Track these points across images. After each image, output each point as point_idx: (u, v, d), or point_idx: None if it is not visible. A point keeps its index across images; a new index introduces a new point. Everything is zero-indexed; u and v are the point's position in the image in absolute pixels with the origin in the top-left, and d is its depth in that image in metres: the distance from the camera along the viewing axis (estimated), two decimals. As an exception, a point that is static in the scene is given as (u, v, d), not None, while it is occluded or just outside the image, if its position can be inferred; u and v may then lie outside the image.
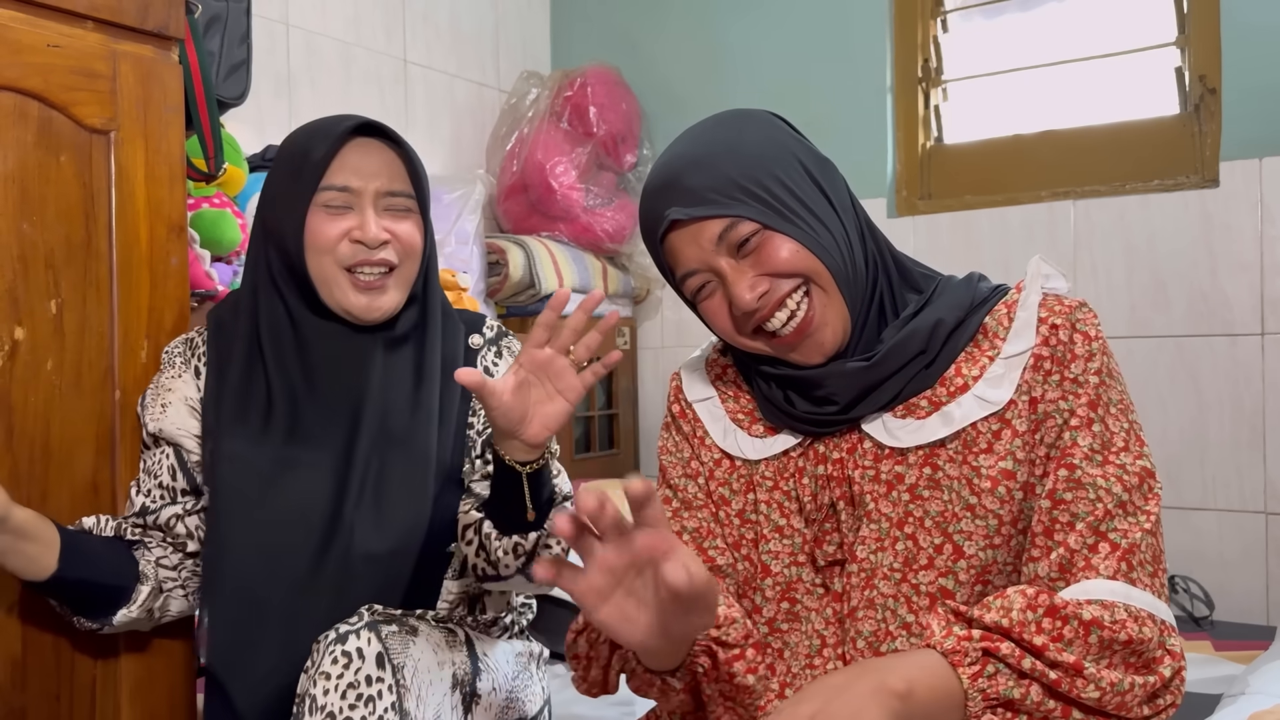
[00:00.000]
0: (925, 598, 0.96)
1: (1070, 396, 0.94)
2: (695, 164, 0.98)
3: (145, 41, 1.37)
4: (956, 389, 0.98)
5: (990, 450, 0.96)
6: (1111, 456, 0.92)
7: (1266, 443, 2.05)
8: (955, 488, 0.96)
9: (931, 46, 2.47)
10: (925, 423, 0.98)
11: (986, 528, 0.95)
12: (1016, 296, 1.00)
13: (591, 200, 2.61)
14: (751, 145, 1.00)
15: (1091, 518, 0.89)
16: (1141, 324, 2.17)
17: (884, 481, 0.99)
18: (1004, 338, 0.98)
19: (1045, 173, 2.31)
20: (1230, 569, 2.08)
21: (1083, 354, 0.95)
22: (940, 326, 0.98)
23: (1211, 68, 2.12)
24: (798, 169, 0.99)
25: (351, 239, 1.19)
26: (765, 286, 0.96)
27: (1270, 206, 2.04)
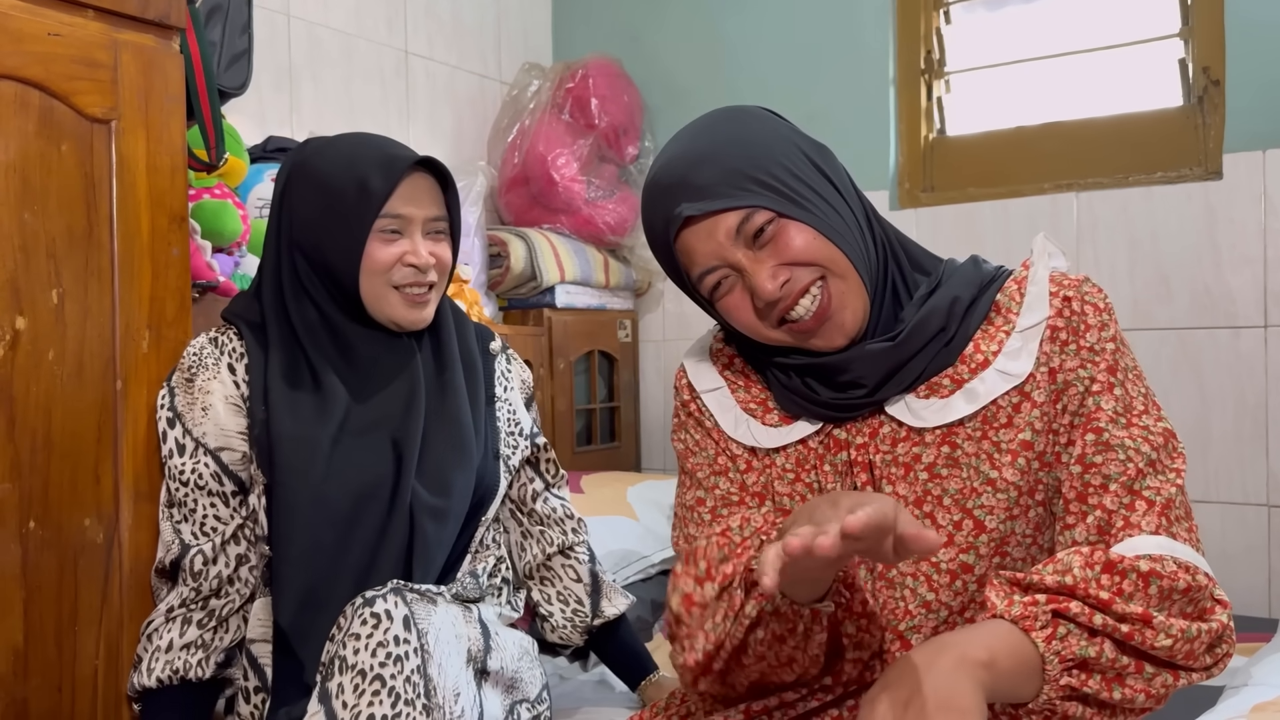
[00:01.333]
0: (946, 575, 0.97)
1: (1089, 364, 0.96)
2: (701, 159, 0.98)
3: (146, 31, 1.37)
4: (978, 365, 0.99)
5: (1010, 424, 0.98)
6: (1135, 419, 0.94)
7: (1269, 436, 2.05)
8: (974, 464, 0.98)
9: (934, 38, 2.46)
10: (949, 401, 0.99)
11: (1007, 499, 0.96)
12: (1024, 273, 1.03)
13: (593, 192, 2.60)
14: (754, 137, 1.00)
15: (1125, 477, 0.91)
16: (1144, 316, 2.16)
17: (901, 464, 1.00)
18: (1017, 312, 1.00)
19: (1048, 165, 2.31)
20: (1233, 562, 2.08)
21: (1095, 324, 0.98)
22: (957, 303, 0.99)
23: (1215, 60, 2.12)
24: (802, 158, 1.01)
25: (405, 263, 1.29)
26: (786, 275, 0.97)
27: (1274, 199, 2.04)
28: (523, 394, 1.51)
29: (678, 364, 1.16)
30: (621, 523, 2.10)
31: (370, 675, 1.06)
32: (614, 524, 2.08)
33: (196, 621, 1.26)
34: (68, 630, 1.26)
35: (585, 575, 1.49)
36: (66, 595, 1.26)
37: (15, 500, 1.21)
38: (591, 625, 1.48)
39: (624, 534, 2.07)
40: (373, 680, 1.05)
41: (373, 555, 1.26)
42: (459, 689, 1.12)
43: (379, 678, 1.05)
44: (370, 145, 1.33)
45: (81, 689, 1.27)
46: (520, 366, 1.54)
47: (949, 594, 0.97)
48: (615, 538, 2.03)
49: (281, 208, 1.34)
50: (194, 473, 1.28)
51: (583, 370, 2.67)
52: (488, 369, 1.45)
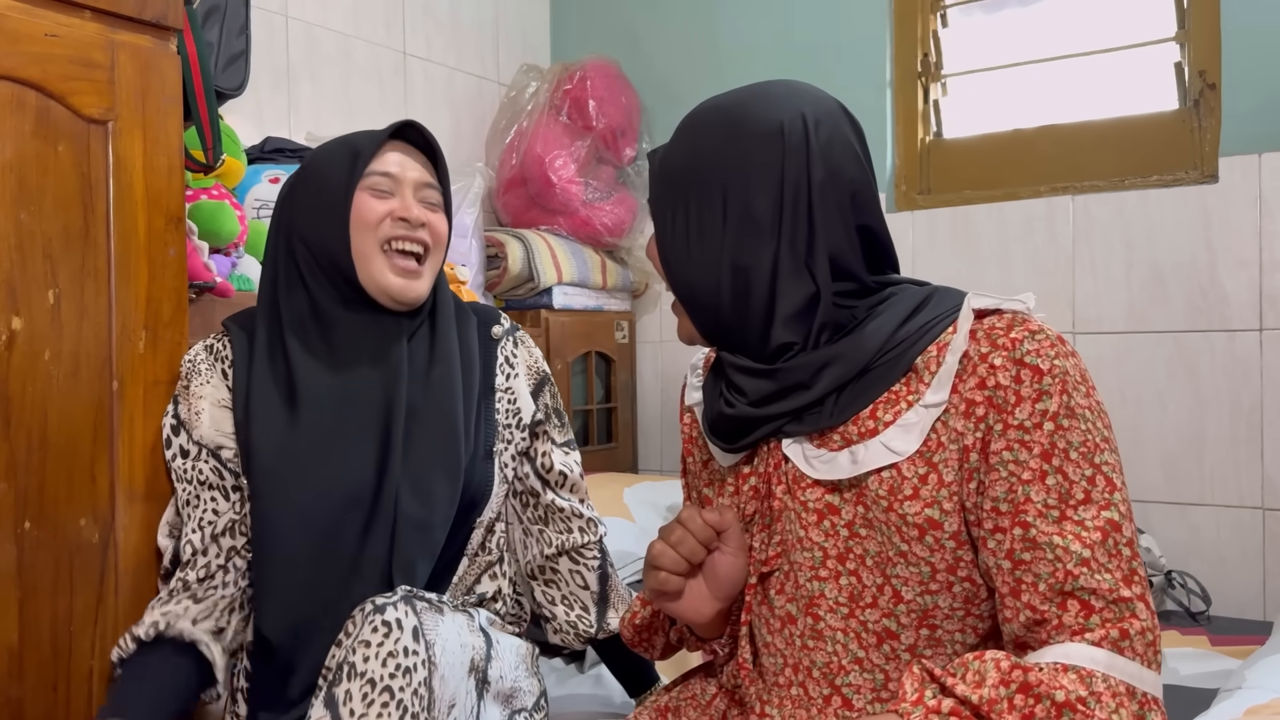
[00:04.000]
0: (873, 635, 0.94)
1: (1018, 446, 0.87)
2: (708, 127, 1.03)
3: (143, 32, 1.37)
4: (867, 431, 0.94)
5: (915, 496, 0.92)
6: (1070, 512, 0.86)
7: (1264, 439, 2.05)
8: (886, 531, 0.93)
9: (931, 41, 2.47)
10: (836, 458, 0.95)
11: (920, 574, 0.92)
12: (950, 337, 0.93)
13: (590, 194, 2.61)
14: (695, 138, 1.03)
15: (1053, 579, 0.84)
16: (1140, 319, 2.17)
17: (813, 509, 0.97)
18: (928, 383, 0.93)
19: (1044, 168, 2.31)
20: (1227, 565, 2.09)
21: (1030, 395, 0.87)
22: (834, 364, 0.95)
23: (1211, 63, 2.12)
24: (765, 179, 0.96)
25: (395, 217, 1.28)
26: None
27: (1269, 202, 2.04)
28: (530, 380, 1.42)
29: (675, 365, 1.20)
30: (618, 524, 2.10)
31: (380, 686, 1.05)
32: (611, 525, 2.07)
33: (187, 598, 1.25)
34: (63, 630, 1.26)
35: (593, 582, 1.43)
36: (62, 595, 1.26)
37: (11, 500, 1.21)
38: (595, 637, 1.44)
39: (621, 535, 2.07)
40: (382, 691, 1.05)
41: (354, 564, 1.24)
42: (455, 699, 1.12)
43: (388, 689, 1.05)
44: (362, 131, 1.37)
45: (77, 689, 1.27)
46: (529, 350, 1.45)
47: (879, 655, 0.95)
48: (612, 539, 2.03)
49: (283, 209, 1.35)
50: (196, 470, 1.29)
51: (580, 371, 2.67)
52: (488, 357, 1.40)
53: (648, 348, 2.84)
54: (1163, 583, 2.00)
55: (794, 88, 1.02)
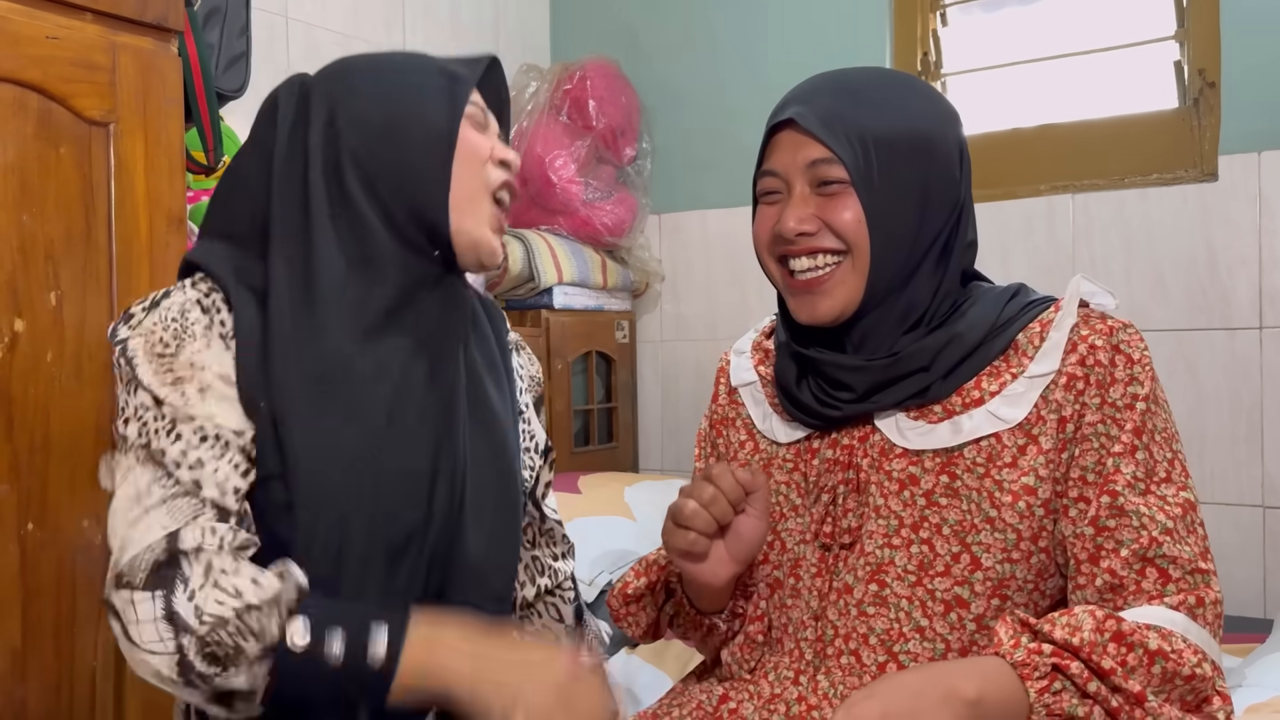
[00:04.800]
0: (940, 604, 0.96)
1: (1111, 421, 0.92)
2: (848, 92, 1.00)
3: (144, 33, 1.37)
4: (972, 401, 0.98)
5: (1014, 465, 0.95)
6: (1154, 486, 0.90)
7: (1264, 437, 2.06)
8: (975, 499, 0.96)
9: (931, 40, 2.47)
10: (935, 428, 0.98)
11: (1005, 541, 0.95)
12: (1053, 315, 0.99)
13: (591, 194, 2.61)
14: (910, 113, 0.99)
15: (1137, 545, 0.88)
16: (1140, 317, 2.17)
17: (895, 479, 0.99)
18: (1032, 356, 0.97)
19: (1044, 166, 2.31)
20: (1228, 562, 2.08)
21: (1123, 378, 0.93)
22: (953, 345, 0.98)
23: (1210, 61, 2.12)
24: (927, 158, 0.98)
25: (495, 158, 1.04)
26: (813, 227, 0.98)
27: (1269, 200, 2.04)
28: (532, 395, 1.25)
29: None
30: (619, 523, 2.11)
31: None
32: (611, 524, 2.08)
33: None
34: (66, 631, 1.27)
35: (569, 615, 1.26)
36: (65, 596, 1.26)
37: (14, 501, 1.21)
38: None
39: (621, 534, 2.08)
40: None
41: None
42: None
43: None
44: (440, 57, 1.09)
45: (80, 689, 1.28)
46: (530, 358, 1.26)
47: (944, 625, 0.96)
48: (612, 538, 2.04)
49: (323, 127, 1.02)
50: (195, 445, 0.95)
51: (580, 371, 2.67)
52: (508, 368, 1.18)
53: (648, 347, 2.84)
54: (1163, 581, 2.00)
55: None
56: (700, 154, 2.73)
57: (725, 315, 2.71)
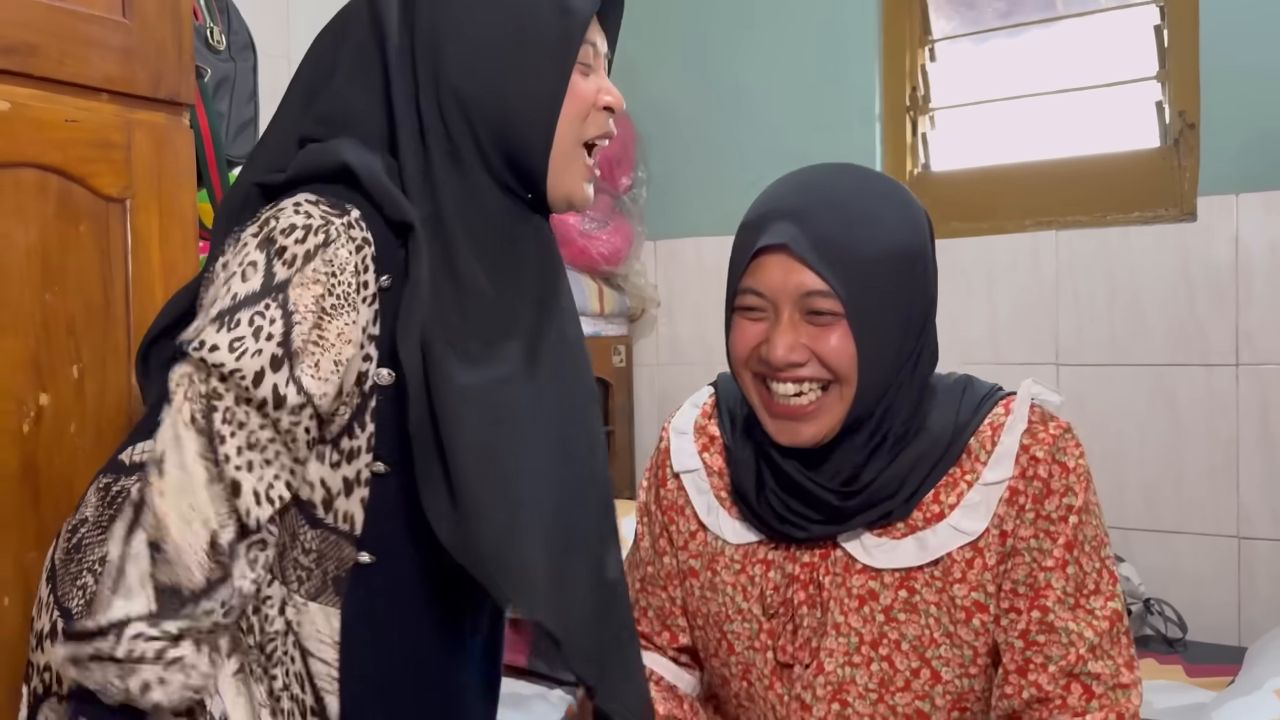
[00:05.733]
0: (902, 719, 0.99)
1: (1044, 535, 0.96)
2: (842, 212, 0.97)
3: (158, 109, 1.43)
4: (933, 516, 0.99)
5: (964, 580, 0.98)
6: (1084, 600, 0.95)
7: (1240, 470, 2.12)
8: (933, 613, 0.98)
9: (919, 75, 2.53)
10: (900, 545, 0.99)
11: (963, 656, 0.98)
12: (1003, 418, 1.00)
13: (587, 224, 2.67)
14: (895, 231, 0.98)
15: (1064, 661, 0.93)
16: (1121, 352, 2.24)
17: (855, 595, 1.01)
18: (985, 462, 0.99)
19: (1029, 202, 2.37)
20: (1204, 590, 2.16)
21: (1059, 489, 0.96)
22: (918, 466, 0.99)
23: (1191, 104, 2.18)
24: (913, 276, 0.99)
25: (600, 105, 0.99)
26: (802, 357, 0.97)
27: (1245, 241, 2.11)
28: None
29: (672, 386, 1.18)
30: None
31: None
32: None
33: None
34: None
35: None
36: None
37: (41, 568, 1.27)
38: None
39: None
40: None
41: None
42: None
43: None
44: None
45: None
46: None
47: None
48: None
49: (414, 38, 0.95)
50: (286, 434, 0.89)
51: (578, 397, 2.73)
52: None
53: (644, 370, 2.91)
54: (1141, 610, 2.07)
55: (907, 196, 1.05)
56: (695, 182, 2.79)
57: (720, 338, 2.76)
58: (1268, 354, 2.09)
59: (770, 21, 2.66)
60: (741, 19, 2.70)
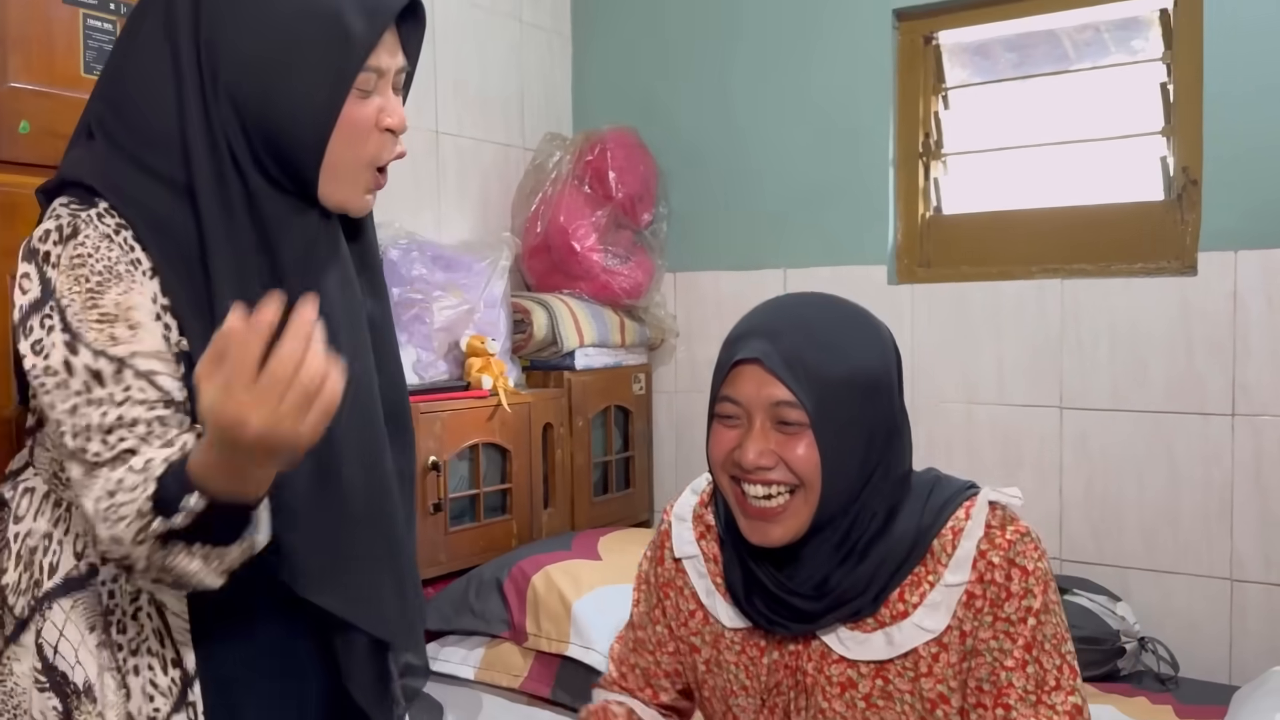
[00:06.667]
0: None
1: (1003, 637, 1.03)
2: (807, 334, 1.07)
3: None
4: (898, 614, 1.07)
5: (930, 674, 1.06)
6: (1045, 696, 1.02)
7: (1234, 515, 2.21)
8: (908, 701, 1.07)
9: (933, 121, 2.61)
10: (870, 639, 1.08)
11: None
12: (964, 522, 1.08)
13: (610, 260, 2.77)
14: (863, 360, 1.08)
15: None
16: (1122, 399, 2.32)
17: (836, 683, 1.09)
18: (945, 564, 1.06)
19: (1036, 248, 2.46)
20: (1197, 629, 2.25)
21: (1018, 591, 1.03)
22: (881, 569, 1.07)
23: (1194, 160, 2.26)
24: (877, 394, 1.08)
25: (381, 126, 1.06)
26: (770, 462, 1.05)
27: (1243, 297, 2.19)
28: None
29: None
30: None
31: None
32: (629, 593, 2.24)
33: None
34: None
35: None
36: None
37: None
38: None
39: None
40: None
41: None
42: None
43: None
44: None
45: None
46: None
47: None
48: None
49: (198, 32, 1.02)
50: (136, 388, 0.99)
51: (600, 425, 2.84)
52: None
53: (663, 397, 3.01)
54: (1136, 648, 2.17)
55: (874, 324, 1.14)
56: (714, 218, 2.89)
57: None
58: (1263, 405, 2.18)
59: (790, 65, 2.75)
60: (763, 62, 2.79)
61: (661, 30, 2.96)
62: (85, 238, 0.99)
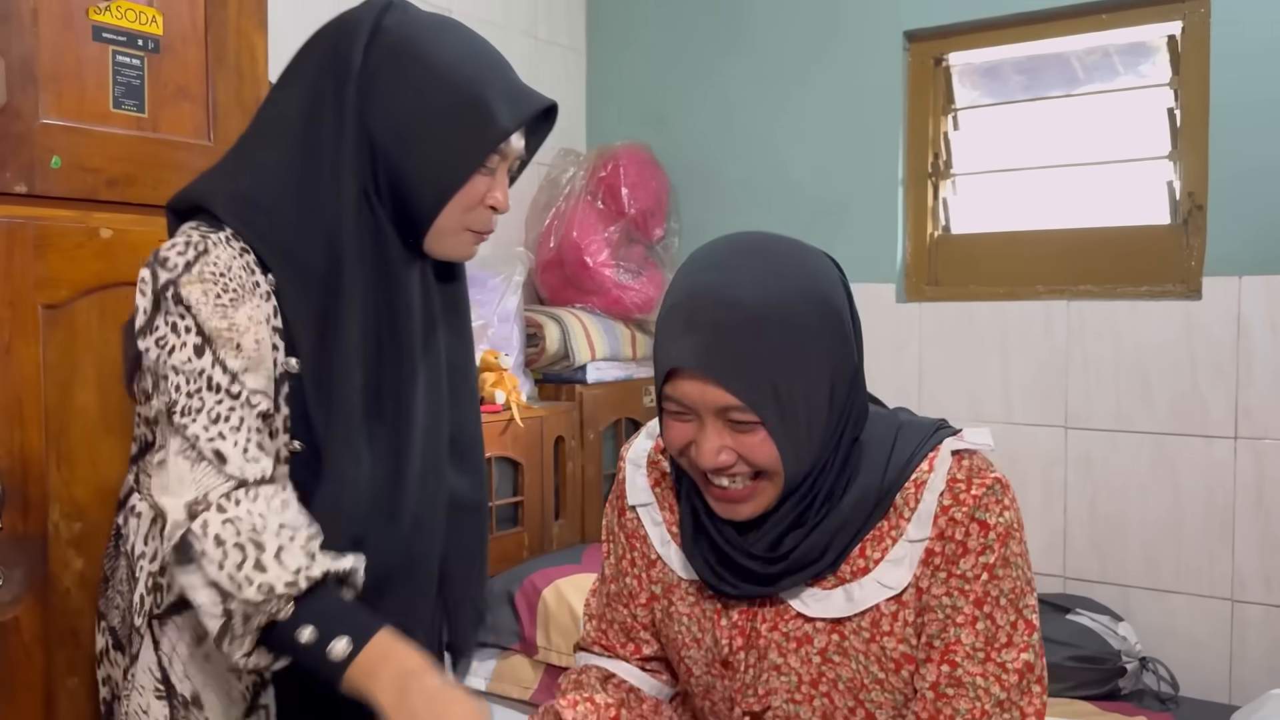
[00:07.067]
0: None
1: (956, 593, 0.99)
2: (749, 322, 0.96)
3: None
4: (859, 570, 1.03)
5: (891, 633, 1.02)
6: (994, 654, 0.98)
7: (1235, 536, 2.24)
8: (863, 661, 1.03)
9: (942, 141, 2.64)
10: (830, 595, 1.03)
11: (894, 700, 1.03)
12: (927, 474, 1.02)
13: (622, 275, 2.81)
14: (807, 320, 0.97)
15: (969, 716, 0.98)
16: (1127, 419, 2.35)
17: (792, 639, 1.06)
18: (908, 519, 1.02)
19: (1043, 269, 2.49)
20: (1198, 648, 2.28)
21: (975, 547, 0.98)
22: (840, 534, 1.02)
23: (1199, 186, 2.29)
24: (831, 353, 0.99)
25: (487, 204, 1.17)
26: (729, 459, 0.99)
27: (1246, 322, 2.21)
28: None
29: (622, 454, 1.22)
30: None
31: None
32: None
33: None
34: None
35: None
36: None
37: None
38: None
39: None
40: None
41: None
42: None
43: None
44: (493, 61, 1.16)
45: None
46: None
47: None
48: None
49: (360, 87, 1.12)
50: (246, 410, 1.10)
51: (610, 437, 2.88)
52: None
53: (673, 409, 3.04)
54: (1137, 668, 2.20)
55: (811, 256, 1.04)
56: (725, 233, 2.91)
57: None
58: (1264, 429, 2.20)
59: (801, 84, 2.78)
60: (774, 80, 2.82)
61: (674, 48, 3.00)
62: (217, 257, 1.10)
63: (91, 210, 1.45)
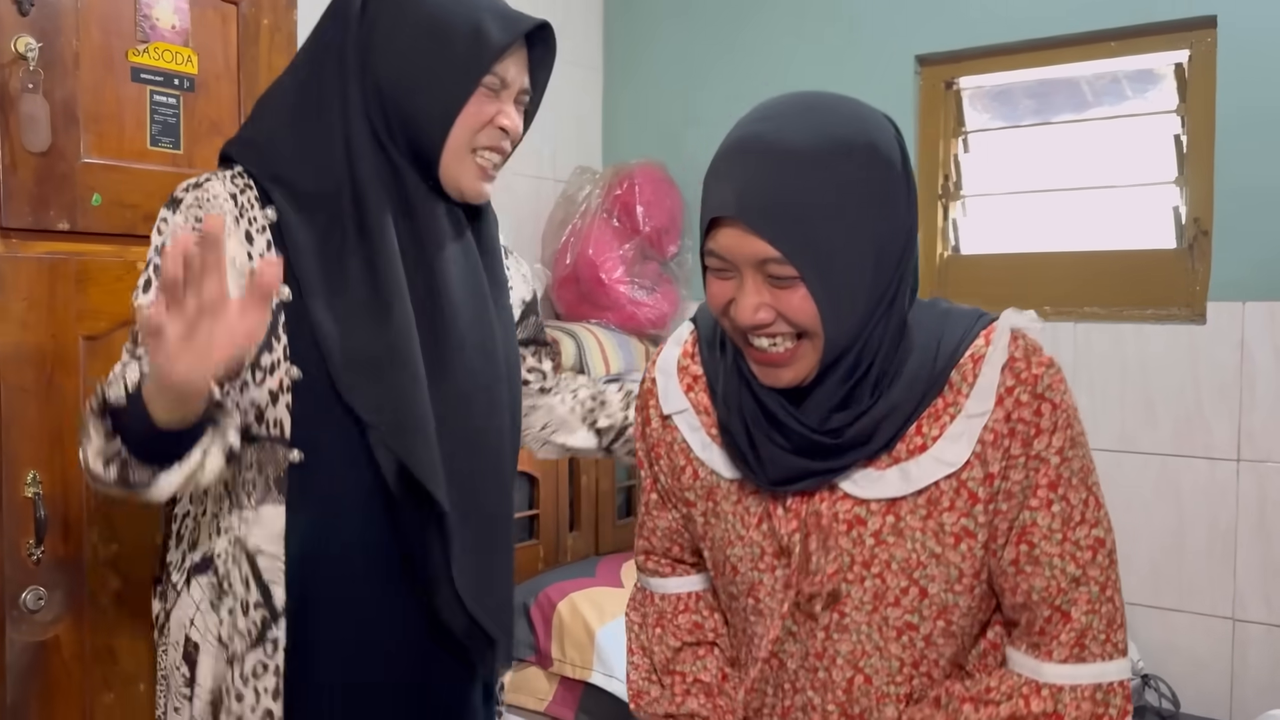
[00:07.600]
0: (894, 629, 1.06)
1: (1032, 474, 0.99)
2: (783, 169, 0.94)
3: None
4: (915, 448, 1.02)
5: (952, 508, 1.02)
6: (1069, 532, 0.99)
7: (1237, 557, 2.28)
8: (919, 538, 1.03)
9: (952, 163, 2.68)
10: (884, 475, 1.03)
11: (948, 575, 1.03)
12: (984, 349, 1.01)
13: (637, 292, 2.86)
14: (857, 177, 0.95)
15: (1048, 593, 1.00)
16: (1131, 440, 2.40)
17: (843, 520, 1.05)
18: (966, 394, 1.00)
19: (1050, 290, 2.53)
20: (1200, 667, 2.33)
21: (1048, 427, 0.98)
22: (894, 415, 1.01)
23: (1205, 212, 2.33)
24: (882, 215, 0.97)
25: (496, 124, 1.24)
26: (768, 317, 0.98)
27: (1250, 347, 2.25)
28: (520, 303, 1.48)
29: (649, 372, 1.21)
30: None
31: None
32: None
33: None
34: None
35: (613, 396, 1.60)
36: None
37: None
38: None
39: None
40: None
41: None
42: None
43: None
44: (496, 4, 1.25)
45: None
46: (516, 260, 1.51)
47: (898, 646, 1.05)
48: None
49: (359, 37, 1.22)
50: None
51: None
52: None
53: (686, 422, 3.10)
54: (1139, 685, 2.25)
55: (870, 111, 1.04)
56: (738, 250, 2.96)
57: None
58: (1267, 452, 2.24)
59: (813, 105, 2.82)
60: (786, 100, 2.87)
61: (689, 68, 3.05)
62: (209, 186, 1.20)
63: (130, 245, 1.51)
